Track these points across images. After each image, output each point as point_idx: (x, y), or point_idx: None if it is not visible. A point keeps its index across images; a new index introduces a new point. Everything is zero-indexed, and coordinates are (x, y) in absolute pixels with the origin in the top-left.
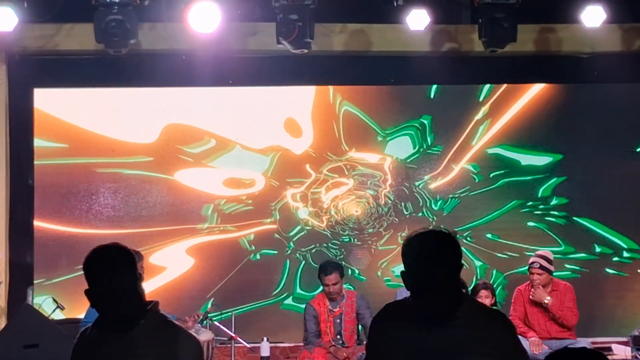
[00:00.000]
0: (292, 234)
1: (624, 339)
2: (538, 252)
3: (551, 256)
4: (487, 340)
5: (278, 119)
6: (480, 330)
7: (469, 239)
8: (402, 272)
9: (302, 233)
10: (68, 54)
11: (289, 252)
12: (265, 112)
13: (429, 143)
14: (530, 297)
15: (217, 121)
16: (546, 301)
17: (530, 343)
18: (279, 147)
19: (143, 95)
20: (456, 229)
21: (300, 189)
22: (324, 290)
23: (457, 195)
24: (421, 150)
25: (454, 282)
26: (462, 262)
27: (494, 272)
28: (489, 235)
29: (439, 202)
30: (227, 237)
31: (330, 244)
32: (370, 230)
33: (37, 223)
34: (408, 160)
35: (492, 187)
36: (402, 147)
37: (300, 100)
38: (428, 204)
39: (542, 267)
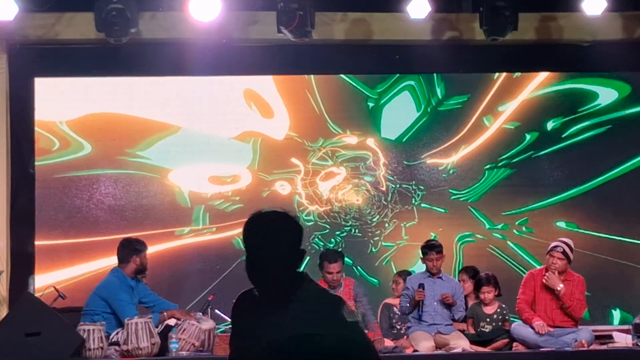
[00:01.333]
0: None
1: (625, 327)
2: (561, 239)
3: (573, 245)
4: (324, 322)
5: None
6: (318, 314)
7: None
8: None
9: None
10: (69, 43)
11: None
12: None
13: (440, 96)
14: (544, 281)
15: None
16: (559, 288)
17: (535, 326)
18: (256, 133)
19: (143, 84)
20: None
21: (296, 180)
22: (324, 279)
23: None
24: (429, 108)
25: (287, 264)
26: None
27: None
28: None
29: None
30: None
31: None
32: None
33: (39, 212)
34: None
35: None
36: (401, 109)
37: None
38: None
39: (564, 252)
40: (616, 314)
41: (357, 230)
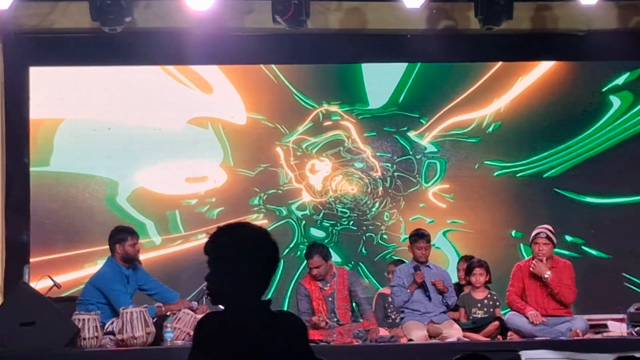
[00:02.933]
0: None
1: (620, 316)
2: (541, 226)
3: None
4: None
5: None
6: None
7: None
8: None
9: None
10: (63, 32)
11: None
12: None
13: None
14: (531, 269)
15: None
16: (546, 275)
17: (529, 316)
18: (211, 118)
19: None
20: None
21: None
22: (311, 274)
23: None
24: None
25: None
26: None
27: None
28: None
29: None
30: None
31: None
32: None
33: (33, 201)
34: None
35: None
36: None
37: None
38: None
39: (548, 237)
40: None
41: (352, 223)
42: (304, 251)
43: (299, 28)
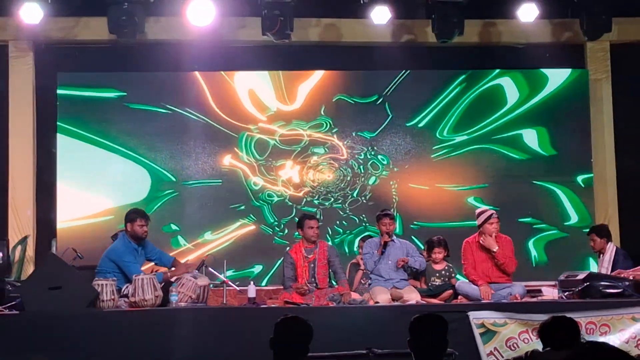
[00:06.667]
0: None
1: (552, 283)
2: (485, 208)
3: None
4: None
5: None
6: None
7: None
8: None
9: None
10: (85, 43)
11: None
12: None
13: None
14: (481, 242)
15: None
16: (495, 249)
17: (482, 291)
18: None
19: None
20: None
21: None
22: (306, 236)
23: None
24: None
25: None
26: None
27: None
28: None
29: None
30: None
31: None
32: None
33: (60, 185)
34: None
35: None
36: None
37: None
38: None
39: (498, 217)
40: None
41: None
42: (300, 219)
43: (285, 40)
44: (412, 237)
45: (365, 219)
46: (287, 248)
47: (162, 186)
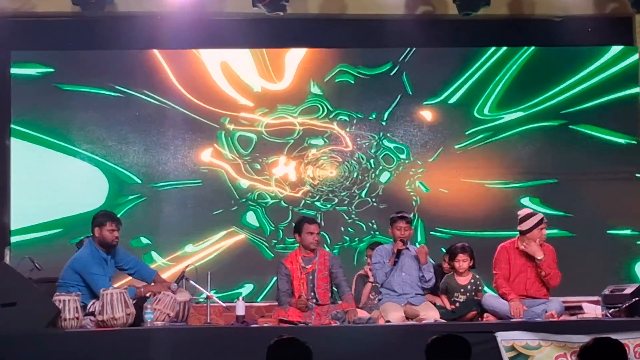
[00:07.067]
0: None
1: (595, 298)
2: (533, 211)
3: None
4: None
5: None
6: None
7: None
8: None
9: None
10: (45, 16)
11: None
12: None
13: None
14: (523, 248)
15: None
16: (540, 257)
17: (512, 307)
18: None
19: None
20: None
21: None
22: (304, 242)
23: None
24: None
25: None
26: None
27: None
28: None
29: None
30: None
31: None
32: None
33: (14, 183)
34: None
35: None
36: None
37: None
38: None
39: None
40: None
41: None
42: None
43: (279, 13)
44: (441, 248)
45: (375, 225)
46: (283, 258)
47: (123, 190)
